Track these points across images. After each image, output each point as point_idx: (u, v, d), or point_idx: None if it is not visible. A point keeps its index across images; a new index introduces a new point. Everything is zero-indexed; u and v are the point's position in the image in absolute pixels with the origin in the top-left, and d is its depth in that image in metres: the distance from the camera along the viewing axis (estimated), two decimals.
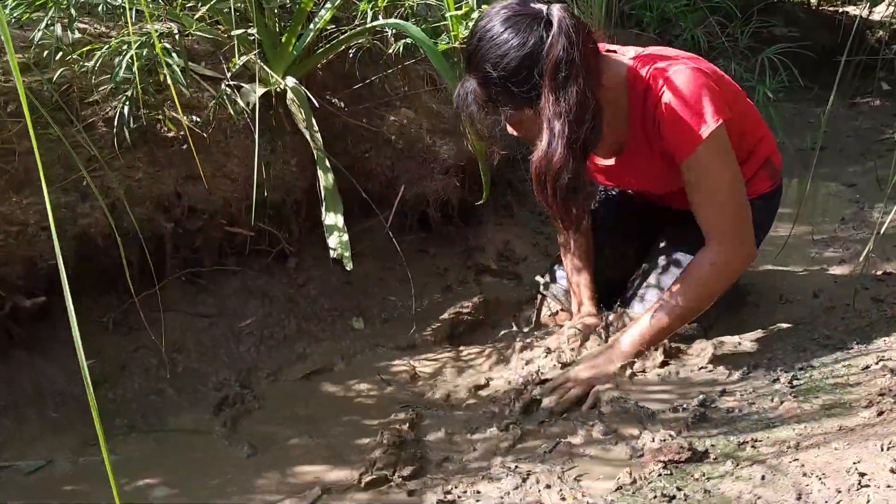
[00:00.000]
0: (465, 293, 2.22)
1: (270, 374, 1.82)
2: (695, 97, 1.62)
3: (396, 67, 2.24)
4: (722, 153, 1.66)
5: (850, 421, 1.34)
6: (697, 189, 1.69)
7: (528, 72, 1.50)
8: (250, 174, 1.97)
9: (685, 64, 1.67)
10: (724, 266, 1.71)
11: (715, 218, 1.70)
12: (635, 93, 1.68)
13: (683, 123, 1.62)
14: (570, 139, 1.50)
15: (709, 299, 1.73)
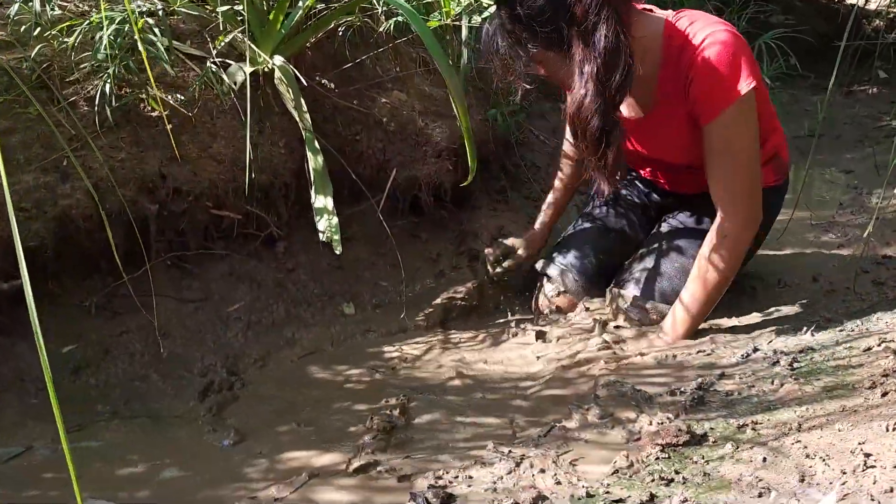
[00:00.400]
0: (458, 278, 2.18)
1: (258, 359, 1.78)
2: (734, 59, 1.58)
3: (387, 46, 2.19)
4: (748, 118, 1.63)
5: (853, 402, 1.30)
6: (717, 152, 1.66)
7: (553, 13, 1.50)
8: (237, 155, 1.92)
9: (724, 27, 1.63)
10: (738, 237, 1.70)
11: (728, 188, 1.67)
12: (671, 48, 1.64)
13: (718, 83, 1.59)
14: (602, 84, 1.50)
15: (732, 270, 1.73)
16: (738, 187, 1.67)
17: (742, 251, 1.73)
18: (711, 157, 1.68)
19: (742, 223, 1.70)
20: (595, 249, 2.05)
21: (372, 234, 2.15)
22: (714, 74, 1.59)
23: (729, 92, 1.59)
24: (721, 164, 1.67)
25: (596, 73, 1.49)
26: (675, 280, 1.86)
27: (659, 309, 1.86)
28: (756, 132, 1.66)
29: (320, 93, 2.14)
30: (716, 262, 1.71)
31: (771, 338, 1.74)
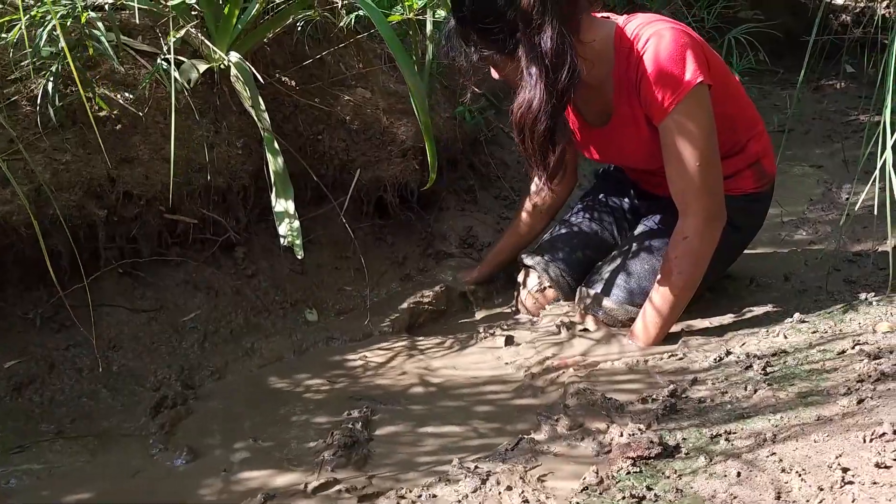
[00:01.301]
0: (425, 282, 2.12)
1: (215, 371, 1.70)
2: (678, 55, 1.57)
3: (349, 42, 2.11)
4: (699, 112, 1.60)
5: (828, 410, 1.27)
6: (669, 153, 1.64)
7: (500, 17, 1.52)
8: (192, 157, 1.84)
9: (671, 25, 1.62)
10: (699, 237, 1.67)
11: (684, 186, 1.65)
12: (621, 51, 1.64)
13: (664, 78, 1.58)
14: (548, 83, 1.53)
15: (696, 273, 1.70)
16: (694, 185, 1.64)
17: (706, 251, 1.69)
18: (666, 156, 1.65)
19: (702, 222, 1.66)
20: (580, 246, 2.03)
21: (336, 237, 2.08)
22: (659, 70, 1.58)
23: (676, 86, 1.57)
24: (675, 161, 1.64)
25: (543, 74, 1.51)
26: (645, 281, 1.82)
27: (627, 310, 1.81)
28: (710, 128, 1.63)
29: (280, 90, 2.07)
30: (680, 265, 1.68)
31: (744, 340, 1.70)
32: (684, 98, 1.57)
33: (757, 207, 1.89)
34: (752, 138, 1.82)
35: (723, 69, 1.75)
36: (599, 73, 1.67)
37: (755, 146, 1.82)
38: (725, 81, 1.74)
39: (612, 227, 2.07)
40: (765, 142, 1.87)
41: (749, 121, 1.82)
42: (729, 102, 1.73)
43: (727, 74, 1.78)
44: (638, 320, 1.76)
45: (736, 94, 1.80)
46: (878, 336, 1.55)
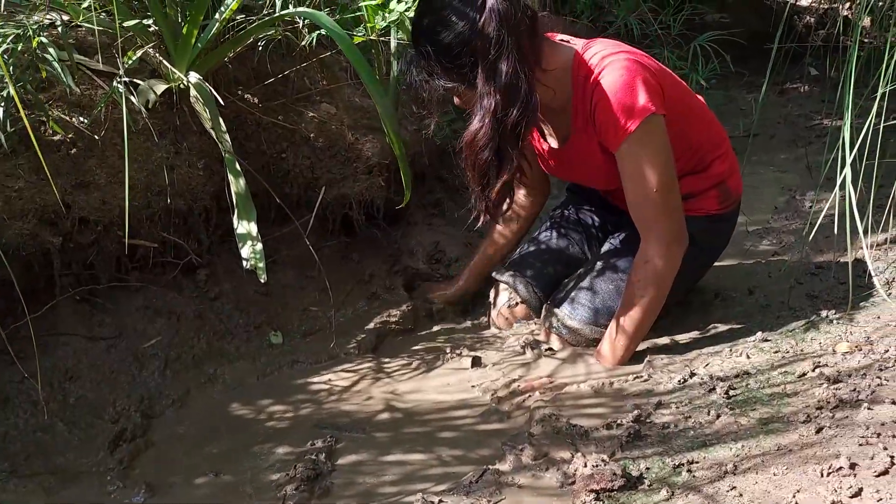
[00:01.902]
0: (392, 300, 2.10)
1: (176, 400, 1.67)
2: (631, 86, 1.59)
3: (313, 60, 2.08)
4: (654, 141, 1.62)
5: (788, 438, 1.28)
6: (627, 180, 1.66)
7: (460, 51, 1.54)
8: (151, 180, 1.81)
9: (625, 54, 1.63)
10: (659, 262, 1.68)
11: (643, 211, 1.67)
12: (578, 78, 1.66)
13: (617, 110, 1.59)
14: (498, 119, 1.54)
15: (658, 296, 1.71)
16: (653, 210, 1.66)
17: (669, 274, 1.70)
18: (624, 182, 1.67)
19: (664, 245, 1.67)
20: (550, 262, 2.03)
21: (301, 256, 2.05)
22: (613, 101, 1.59)
23: (629, 118, 1.59)
24: (633, 188, 1.66)
25: (493, 108, 1.53)
26: (610, 300, 1.82)
27: (592, 330, 1.82)
28: (666, 154, 1.64)
29: (243, 108, 2.03)
30: (643, 288, 1.69)
31: (708, 360, 1.71)
32: (637, 128, 1.58)
33: (722, 227, 1.90)
34: (717, 158, 1.82)
35: (681, 94, 1.75)
36: (561, 98, 1.68)
37: (720, 166, 1.83)
38: (686, 105, 1.75)
39: (582, 242, 2.07)
40: (731, 162, 1.88)
41: (714, 141, 1.83)
42: (691, 125, 1.74)
43: (687, 96, 1.79)
44: (604, 341, 1.76)
45: (699, 116, 1.81)
46: (837, 357, 1.56)
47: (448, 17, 1.54)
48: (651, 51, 3.63)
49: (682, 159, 1.72)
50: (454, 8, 1.54)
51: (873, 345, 1.58)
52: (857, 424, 1.24)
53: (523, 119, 1.55)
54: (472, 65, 1.53)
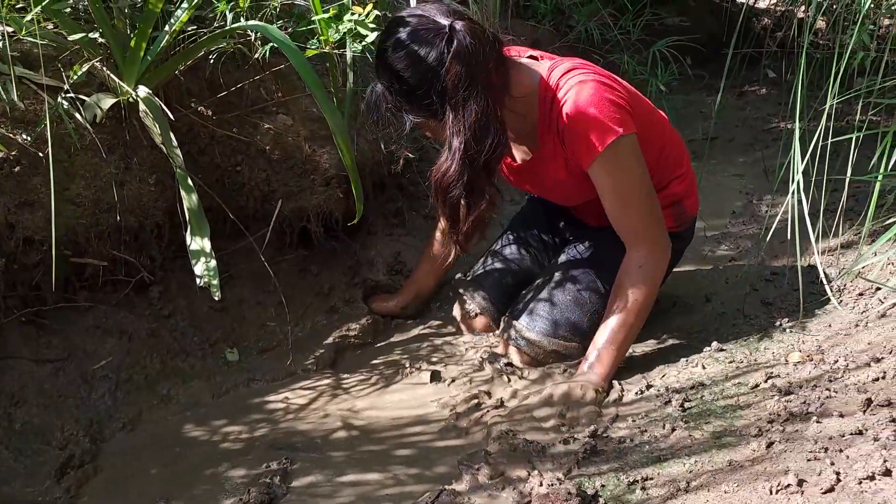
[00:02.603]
0: (351, 313, 2.08)
1: (127, 423, 1.63)
2: (598, 107, 1.59)
3: (267, 73, 2.05)
4: (626, 161, 1.63)
5: (739, 453, 1.29)
6: (606, 196, 1.67)
7: (428, 86, 1.53)
8: (100, 196, 1.77)
9: (592, 76, 1.63)
10: (652, 265, 1.70)
11: (628, 223, 1.68)
12: (545, 102, 1.66)
13: (584, 133, 1.60)
14: (468, 155, 1.54)
15: (650, 299, 1.71)
16: (636, 221, 1.68)
17: (657, 281, 1.72)
18: (602, 198, 1.68)
19: (653, 249, 1.69)
20: (508, 272, 2.04)
21: (258, 271, 2.02)
22: (581, 126, 1.60)
23: (599, 138, 1.59)
24: (612, 204, 1.67)
25: (464, 146, 1.53)
26: (567, 311, 1.82)
27: (550, 341, 1.82)
28: (642, 167, 1.65)
29: (196, 121, 1.99)
30: (636, 293, 1.68)
31: (664, 371, 1.73)
32: (607, 148, 1.58)
33: (676, 245, 1.89)
34: (675, 179, 1.84)
35: (646, 113, 1.76)
36: (529, 120, 1.69)
37: (677, 187, 1.85)
38: (649, 122, 1.75)
39: (542, 252, 2.07)
40: (688, 183, 1.89)
41: (673, 162, 1.84)
42: (651, 146, 1.73)
43: (650, 115, 1.80)
44: (590, 355, 1.71)
45: (661, 134, 1.81)
46: (789, 367, 1.58)
47: (414, 54, 1.52)
48: (611, 56, 3.66)
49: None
50: (420, 43, 1.52)
51: (824, 354, 1.60)
52: (807, 439, 1.25)
53: (494, 154, 1.56)
54: (440, 102, 1.53)
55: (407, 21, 1.55)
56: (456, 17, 1.54)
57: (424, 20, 1.54)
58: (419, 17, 1.55)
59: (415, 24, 1.54)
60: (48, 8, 1.72)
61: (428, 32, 1.52)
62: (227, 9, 1.82)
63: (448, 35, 1.50)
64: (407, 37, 1.53)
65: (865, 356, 1.49)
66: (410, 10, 1.59)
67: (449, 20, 1.52)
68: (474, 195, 1.61)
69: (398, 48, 1.54)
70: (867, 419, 1.25)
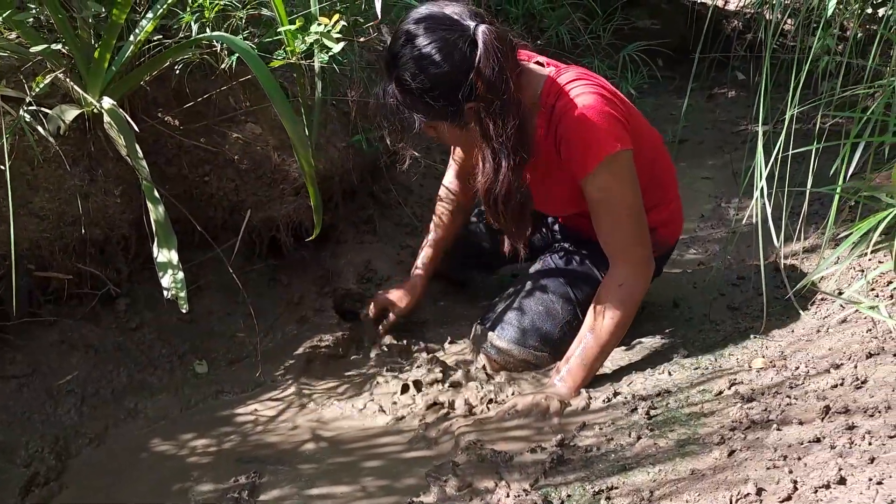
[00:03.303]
0: (322, 323, 2.07)
1: (94, 438, 1.62)
2: (597, 121, 1.58)
3: (235, 82, 2.04)
4: (620, 176, 1.62)
5: (702, 462, 1.31)
6: (596, 209, 1.67)
7: (447, 89, 1.48)
8: (64, 209, 1.75)
9: (594, 88, 1.62)
10: (633, 285, 1.69)
11: (615, 238, 1.67)
12: (545, 110, 1.64)
13: (584, 144, 1.59)
14: (516, 163, 1.55)
15: (629, 317, 1.71)
16: (623, 238, 1.67)
17: (637, 299, 1.71)
18: (592, 211, 1.68)
19: (635, 269, 1.69)
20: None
21: (226, 282, 2.01)
22: (579, 136, 1.59)
23: (597, 152, 1.58)
24: (602, 217, 1.67)
25: (510, 153, 1.52)
26: (538, 320, 1.84)
27: (520, 350, 1.83)
28: (635, 185, 1.65)
29: (163, 131, 1.98)
30: (614, 311, 1.68)
31: (631, 379, 1.74)
32: (603, 161, 1.58)
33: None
34: (655, 207, 1.83)
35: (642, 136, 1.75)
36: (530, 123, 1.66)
37: (656, 216, 1.84)
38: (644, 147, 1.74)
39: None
40: (669, 212, 1.89)
41: (657, 192, 1.84)
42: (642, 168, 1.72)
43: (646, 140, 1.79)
44: (563, 368, 1.71)
45: (651, 161, 1.80)
46: (752, 374, 1.61)
47: (433, 54, 1.46)
48: (582, 60, 3.69)
49: None
50: (441, 41, 1.45)
51: (787, 360, 1.63)
52: (767, 447, 1.27)
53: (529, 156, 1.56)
54: (465, 104, 1.49)
55: (426, 18, 1.48)
56: (479, 18, 1.49)
57: (445, 19, 1.47)
58: (439, 16, 1.48)
59: (435, 23, 1.47)
60: (9, 19, 1.70)
61: (451, 32, 1.46)
62: (192, 20, 1.80)
63: (471, 38, 1.45)
64: (427, 35, 1.46)
65: (825, 362, 1.52)
66: (429, 8, 1.51)
67: (474, 22, 1.47)
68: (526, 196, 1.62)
69: (417, 46, 1.47)
70: (825, 427, 1.27)
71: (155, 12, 1.81)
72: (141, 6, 1.89)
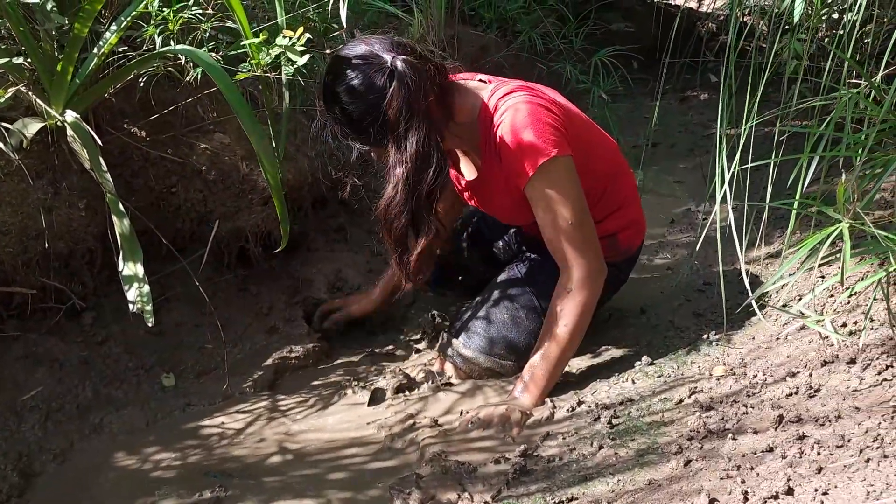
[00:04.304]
0: (292, 333, 2.08)
1: (59, 454, 1.61)
2: (531, 129, 1.62)
3: (201, 94, 2.04)
4: (559, 182, 1.65)
5: (659, 472, 1.34)
6: (540, 216, 1.69)
7: (372, 118, 1.58)
8: (27, 223, 1.74)
9: (529, 98, 1.65)
10: (583, 291, 1.70)
11: (560, 245, 1.69)
12: (484, 124, 1.68)
13: (518, 153, 1.62)
14: (410, 186, 1.59)
15: (582, 323, 1.72)
16: (569, 244, 1.68)
17: (591, 302, 1.72)
18: (537, 217, 1.70)
19: (585, 275, 1.70)
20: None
21: (195, 293, 2.00)
22: (516, 145, 1.62)
23: (533, 159, 1.62)
24: (546, 223, 1.68)
25: (405, 177, 1.57)
26: (504, 329, 1.86)
27: (486, 359, 1.85)
28: (577, 190, 1.67)
29: (129, 143, 1.98)
30: (566, 317, 1.69)
31: (596, 387, 1.76)
32: (540, 169, 1.61)
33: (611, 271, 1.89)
34: (614, 212, 1.86)
35: (589, 143, 1.78)
36: (472, 143, 1.72)
37: (616, 221, 1.87)
38: (592, 152, 1.77)
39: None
40: (627, 219, 1.91)
41: (614, 197, 1.86)
42: (592, 174, 1.75)
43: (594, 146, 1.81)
44: (522, 378, 1.74)
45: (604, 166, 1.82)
46: (713, 382, 1.64)
47: (357, 87, 1.57)
48: (555, 65, 3.71)
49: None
50: (363, 75, 1.56)
51: (746, 367, 1.66)
52: (722, 456, 1.30)
53: (436, 184, 1.60)
54: (383, 133, 1.57)
55: (351, 55, 1.59)
56: (398, 50, 1.57)
57: (368, 55, 1.58)
58: (363, 52, 1.59)
59: (359, 58, 1.58)
60: None
61: (371, 67, 1.56)
62: (155, 32, 1.80)
63: (390, 70, 1.55)
64: (352, 70, 1.57)
65: (783, 370, 1.55)
66: (354, 44, 1.62)
67: (391, 55, 1.56)
68: (419, 226, 1.65)
69: (342, 82, 1.58)
70: (777, 436, 1.30)
71: (119, 24, 1.81)
72: (105, 18, 1.89)
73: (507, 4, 3.77)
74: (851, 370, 1.43)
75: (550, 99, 1.71)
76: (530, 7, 3.76)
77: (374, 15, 3.16)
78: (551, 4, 3.79)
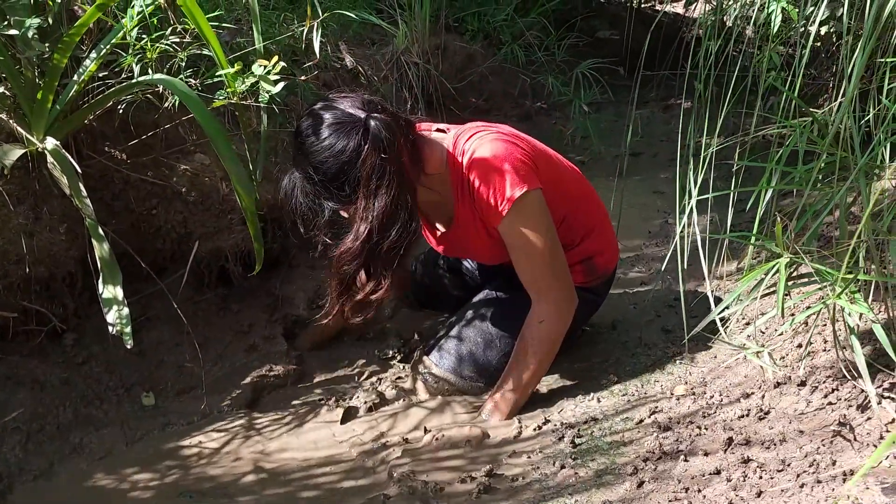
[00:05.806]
0: (271, 351, 2.12)
1: (38, 475, 1.66)
2: (500, 166, 1.66)
3: (179, 120, 2.09)
4: (532, 218, 1.69)
5: (614, 493, 1.39)
6: (513, 251, 1.74)
7: (345, 177, 1.58)
8: (8, 248, 1.79)
9: (493, 135, 1.70)
10: (554, 322, 1.77)
11: (533, 277, 1.75)
12: (454, 170, 1.72)
13: (489, 192, 1.66)
14: (372, 243, 1.60)
15: (551, 353, 1.80)
16: (540, 277, 1.75)
17: (561, 332, 1.79)
18: (511, 254, 1.75)
19: (555, 307, 1.77)
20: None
21: (176, 312, 2.05)
22: (486, 186, 1.66)
23: (504, 195, 1.66)
24: (519, 258, 1.74)
25: (367, 234, 1.58)
26: (475, 349, 1.91)
27: (457, 378, 1.90)
28: (547, 223, 1.72)
29: (109, 166, 2.02)
30: (535, 347, 1.77)
31: (563, 405, 1.82)
32: (513, 206, 1.65)
33: (588, 297, 1.97)
34: (587, 237, 1.91)
35: (555, 170, 1.83)
36: (445, 192, 1.75)
37: (590, 245, 1.92)
38: (559, 181, 1.82)
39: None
40: (603, 241, 1.96)
41: (585, 221, 1.91)
42: (561, 202, 1.80)
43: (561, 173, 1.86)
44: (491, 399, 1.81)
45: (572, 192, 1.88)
46: (672, 402, 1.69)
47: (331, 145, 1.57)
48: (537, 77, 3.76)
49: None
50: (338, 136, 1.57)
51: (706, 386, 1.72)
52: (673, 478, 1.36)
53: (402, 242, 1.61)
54: (354, 191, 1.58)
55: (324, 113, 1.59)
56: (371, 109, 1.59)
57: (341, 113, 1.58)
58: (336, 110, 1.59)
59: (332, 116, 1.58)
60: None
61: (345, 126, 1.57)
62: (133, 62, 1.85)
63: (364, 129, 1.56)
64: (326, 128, 1.57)
65: (738, 391, 1.61)
66: (327, 102, 1.62)
67: (364, 113, 1.57)
68: (372, 277, 1.66)
69: (317, 140, 1.58)
70: (726, 458, 1.36)
71: (98, 52, 1.86)
72: (85, 46, 1.93)
73: (493, 15, 3.81)
74: (801, 392, 1.49)
75: (512, 133, 1.76)
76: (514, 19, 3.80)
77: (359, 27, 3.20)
78: (533, 17, 3.83)
